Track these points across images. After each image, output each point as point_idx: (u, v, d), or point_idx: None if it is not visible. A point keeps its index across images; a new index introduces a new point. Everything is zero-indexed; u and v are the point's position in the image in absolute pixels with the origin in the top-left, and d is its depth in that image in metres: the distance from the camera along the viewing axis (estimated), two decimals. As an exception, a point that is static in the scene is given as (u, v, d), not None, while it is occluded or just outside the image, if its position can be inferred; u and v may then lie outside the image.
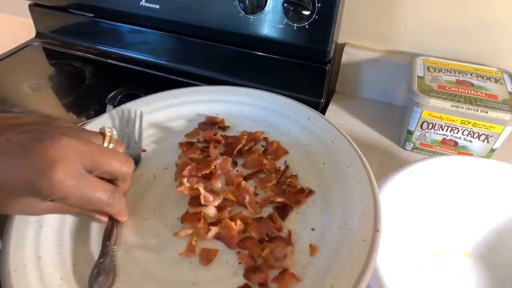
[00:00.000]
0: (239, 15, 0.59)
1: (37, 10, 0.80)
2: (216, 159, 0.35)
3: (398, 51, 0.63)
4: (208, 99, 0.41)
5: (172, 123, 0.40)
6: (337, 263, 0.26)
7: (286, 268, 0.27)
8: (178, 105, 0.40)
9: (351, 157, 0.34)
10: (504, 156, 0.55)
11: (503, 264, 0.40)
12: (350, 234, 0.27)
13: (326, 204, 0.31)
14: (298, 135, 0.37)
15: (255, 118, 0.39)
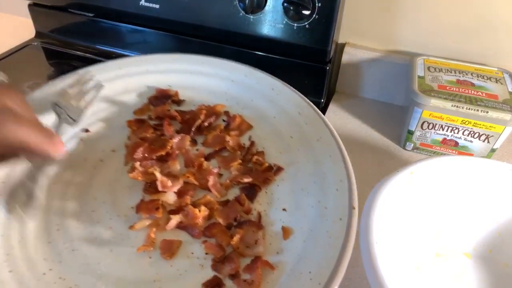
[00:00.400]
0: (239, 15, 0.58)
1: (37, 9, 0.79)
2: (172, 137, 0.30)
3: (399, 50, 0.63)
4: (158, 69, 0.35)
5: (118, 98, 0.34)
6: (314, 246, 0.23)
7: (258, 256, 0.23)
8: (123, 77, 0.34)
9: (319, 130, 0.31)
10: (504, 156, 0.55)
11: (504, 264, 0.40)
12: (325, 213, 0.25)
13: (297, 181, 0.28)
14: (262, 108, 0.33)
15: (213, 89, 0.35)
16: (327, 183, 0.27)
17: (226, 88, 0.35)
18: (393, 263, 0.33)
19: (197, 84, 0.35)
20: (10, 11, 0.94)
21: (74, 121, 0.32)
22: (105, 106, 0.34)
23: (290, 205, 0.27)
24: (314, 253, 0.23)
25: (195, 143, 0.32)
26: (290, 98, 0.32)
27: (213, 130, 0.32)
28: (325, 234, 0.24)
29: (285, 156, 0.30)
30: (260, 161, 0.29)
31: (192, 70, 0.35)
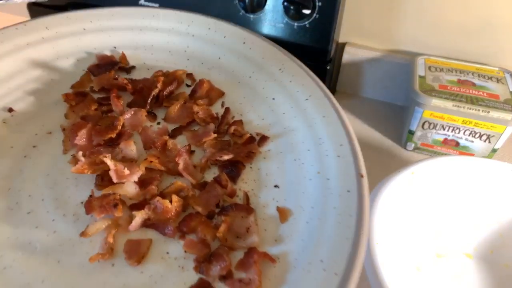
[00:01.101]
0: (239, 14, 0.58)
1: (36, 9, 0.79)
2: (123, 113, 0.24)
3: (400, 50, 0.63)
4: (97, 27, 0.26)
5: (50, 66, 0.26)
6: (320, 228, 0.18)
7: (253, 247, 0.18)
8: (53, 40, 0.26)
9: (307, 87, 0.24)
10: (505, 156, 0.55)
11: (505, 265, 0.40)
12: (328, 185, 0.19)
13: (287, 151, 0.22)
14: (234, 66, 0.26)
15: (170, 49, 0.27)
16: (325, 150, 0.21)
17: (186, 45, 0.27)
18: (394, 264, 0.33)
19: (149, 43, 0.27)
20: (9, 10, 0.94)
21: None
22: (33, 76, 0.25)
23: (283, 181, 0.21)
24: (322, 236, 0.18)
25: (155, 118, 0.25)
26: (267, 52, 0.25)
27: (176, 100, 0.25)
28: (333, 211, 0.19)
29: (268, 122, 0.23)
30: (239, 131, 0.24)
31: (141, 26, 0.26)
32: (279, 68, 0.26)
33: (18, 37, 0.26)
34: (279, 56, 0.26)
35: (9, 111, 0.25)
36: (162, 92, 0.25)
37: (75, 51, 0.27)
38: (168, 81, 0.26)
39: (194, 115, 0.24)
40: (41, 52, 0.26)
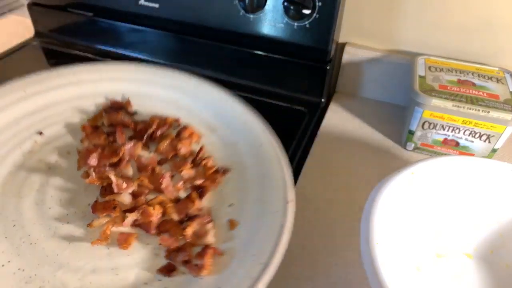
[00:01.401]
0: (239, 14, 0.58)
1: (36, 9, 0.79)
2: (124, 144, 0.32)
3: (400, 50, 0.63)
4: (111, 77, 0.36)
5: (73, 104, 0.35)
6: (256, 234, 0.27)
7: (208, 244, 0.27)
8: (77, 84, 0.35)
9: (262, 137, 0.34)
10: (505, 156, 0.55)
11: (505, 265, 0.40)
12: (265, 207, 0.28)
13: (241, 181, 0.31)
14: (210, 117, 0.35)
15: (165, 99, 0.36)
16: (268, 182, 0.30)
17: (177, 98, 0.36)
18: (393, 264, 0.33)
19: (150, 93, 0.36)
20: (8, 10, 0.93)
21: None
22: (61, 110, 0.35)
23: (235, 201, 0.30)
24: (256, 239, 0.27)
25: (148, 149, 0.34)
26: (236, 110, 0.35)
27: (165, 139, 0.34)
28: (265, 224, 0.28)
29: (231, 159, 0.33)
30: (208, 165, 0.32)
31: (145, 80, 0.36)
32: (243, 122, 0.35)
33: (52, 80, 0.36)
34: (245, 114, 0.36)
35: (40, 134, 0.35)
36: (156, 132, 0.34)
37: (94, 94, 0.37)
38: (161, 124, 0.35)
39: (177, 150, 0.33)
40: (68, 93, 0.36)
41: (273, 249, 0.26)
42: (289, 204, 0.28)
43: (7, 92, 0.34)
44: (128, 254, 0.28)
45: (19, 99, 0.34)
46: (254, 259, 0.25)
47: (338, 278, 0.40)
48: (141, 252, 0.28)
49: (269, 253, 0.25)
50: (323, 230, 0.45)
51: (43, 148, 0.33)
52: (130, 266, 0.27)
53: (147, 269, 0.27)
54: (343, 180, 0.52)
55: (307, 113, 0.62)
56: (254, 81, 0.67)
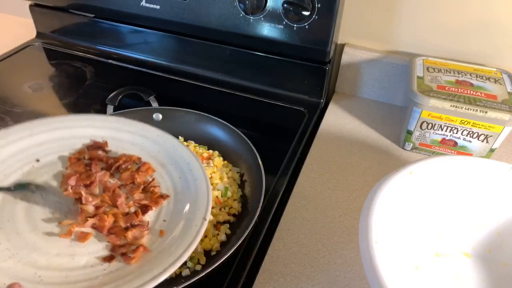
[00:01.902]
0: (239, 16, 0.59)
1: (38, 10, 0.80)
2: (97, 172, 0.44)
3: (398, 51, 0.63)
4: (96, 125, 0.50)
5: (65, 142, 0.48)
6: (177, 239, 0.37)
7: (141, 244, 0.38)
8: (71, 128, 0.49)
9: (198, 174, 0.44)
10: (503, 156, 0.56)
11: (503, 264, 0.40)
12: (189, 223, 0.39)
13: (177, 204, 0.42)
14: (164, 158, 0.47)
15: (132, 142, 0.49)
16: (196, 204, 0.41)
17: (141, 142, 0.49)
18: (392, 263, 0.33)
19: (121, 138, 0.49)
20: (11, 11, 0.94)
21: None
22: (54, 146, 0.47)
23: (168, 218, 0.41)
24: (176, 243, 0.37)
25: (113, 177, 0.45)
26: (184, 153, 0.47)
27: (127, 170, 0.46)
28: (185, 233, 0.38)
29: (173, 188, 0.44)
30: (155, 191, 0.43)
31: (120, 128, 0.49)
32: (187, 162, 0.46)
33: (52, 124, 0.49)
34: (188, 157, 0.46)
35: (37, 161, 0.45)
36: (121, 165, 0.46)
37: (81, 135, 0.49)
38: (127, 160, 0.47)
39: (134, 179, 0.44)
40: (63, 134, 0.49)
41: (185, 249, 0.35)
42: (205, 221, 0.38)
43: (18, 130, 0.46)
44: (83, 246, 0.38)
45: (26, 136, 0.46)
46: (169, 255, 0.35)
47: (337, 277, 0.41)
48: (93, 246, 0.38)
49: (182, 251, 0.35)
50: (322, 229, 0.45)
51: (38, 171, 0.44)
52: (83, 254, 0.37)
53: (95, 257, 0.37)
54: (342, 180, 0.52)
55: (307, 113, 0.63)
56: (254, 81, 0.68)
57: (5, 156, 0.44)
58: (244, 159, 0.51)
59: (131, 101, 0.60)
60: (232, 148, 0.53)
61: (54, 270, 0.35)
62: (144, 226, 0.39)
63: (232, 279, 0.39)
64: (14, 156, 0.44)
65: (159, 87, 0.65)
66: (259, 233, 0.43)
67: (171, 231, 0.38)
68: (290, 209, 0.48)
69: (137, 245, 0.38)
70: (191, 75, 0.71)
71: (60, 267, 0.36)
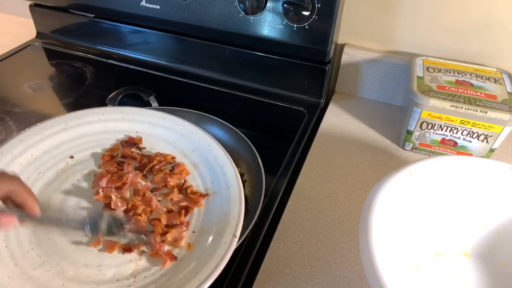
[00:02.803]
0: (239, 16, 0.59)
1: (38, 10, 0.80)
2: (129, 173, 0.43)
3: (398, 51, 0.63)
4: (130, 118, 0.48)
5: (98, 136, 0.47)
6: (205, 257, 0.36)
7: (180, 247, 0.37)
8: (104, 121, 0.47)
9: (232, 180, 0.41)
10: (503, 156, 0.56)
11: (503, 264, 0.40)
12: (218, 239, 0.37)
13: (208, 214, 0.40)
14: (199, 158, 0.45)
15: (167, 139, 0.47)
16: (226, 219, 0.38)
17: (176, 139, 0.47)
18: (392, 263, 0.33)
19: (156, 133, 0.47)
20: (11, 12, 0.94)
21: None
22: (87, 141, 0.46)
23: (198, 230, 0.39)
24: (202, 262, 0.35)
25: (146, 179, 0.44)
26: (218, 155, 0.44)
27: (160, 172, 0.44)
28: (214, 251, 0.36)
29: (208, 187, 0.43)
30: (193, 190, 0.42)
31: (155, 122, 0.48)
32: (221, 166, 0.43)
33: (87, 117, 0.48)
34: (223, 158, 0.44)
35: (71, 158, 0.45)
36: (155, 166, 0.44)
37: (115, 129, 0.48)
38: (161, 160, 0.45)
39: (167, 183, 0.43)
40: (97, 128, 0.48)
41: (212, 271, 0.33)
42: (235, 238, 0.36)
43: (53, 124, 0.45)
44: (111, 257, 0.37)
45: (61, 130, 0.45)
46: (194, 275, 0.34)
47: (337, 277, 0.41)
48: (120, 258, 0.37)
49: (209, 272, 0.33)
50: (322, 229, 0.45)
51: (71, 168, 0.44)
52: (110, 266, 0.36)
53: (121, 269, 0.36)
54: (342, 180, 0.52)
55: (307, 113, 0.63)
56: (254, 81, 0.68)
57: (41, 152, 0.43)
58: (244, 159, 0.51)
59: (131, 101, 0.60)
60: (232, 148, 0.53)
61: (81, 282, 0.34)
62: (183, 226, 0.38)
63: (232, 279, 0.39)
64: (49, 152, 0.43)
65: (159, 87, 0.65)
66: (259, 233, 0.43)
67: (199, 246, 0.37)
68: (290, 209, 0.48)
69: (177, 247, 0.37)
70: (191, 75, 0.71)
71: (87, 279, 0.34)
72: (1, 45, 0.79)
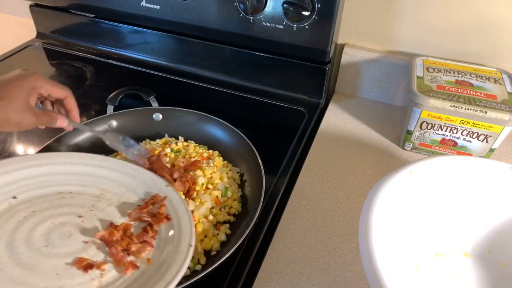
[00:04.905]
0: (239, 16, 0.59)
1: (38, 10, 0.80)
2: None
3: (398, 51, 0.63)
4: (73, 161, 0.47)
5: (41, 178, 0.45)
6: (166, 265, 0.37)
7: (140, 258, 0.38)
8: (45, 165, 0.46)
9: (177, 205, 0.43)
10: (503, 156, 0.56)
11: (502, 263, 0.40)
12: (176, 250, 0.38)
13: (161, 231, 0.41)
14: (144, 191, 0.46)
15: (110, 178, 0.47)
16: (181, 234, 0.40)
17: (119, 177, 0.46)
18: (392, 263, 0.33)
19: (100, 174, 0.47)
20: (11, 12, 0.94)
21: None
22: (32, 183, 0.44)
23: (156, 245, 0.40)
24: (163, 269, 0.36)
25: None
26: (161, 187, 0.45)
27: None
28: (173, 261, 0.37)
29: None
30: (160, 212, 0.42)
31: (98, 165, 0.48)
32: (166, 195, 0.44)
33: (23, 162, 0.46)
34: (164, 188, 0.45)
35: (14, 198, 0.42)
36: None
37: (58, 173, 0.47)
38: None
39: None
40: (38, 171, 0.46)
41: (174, 275, 0.34)
42: (191, 247, 0.37)
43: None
44: (71, 278, 0.35)
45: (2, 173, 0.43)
46: (159, 279, 0.35)
47: (337, 276, 0.41)
48: (81, 277, 0.35)
49: (171, 278, 0.34)
50: (322, 229, 0.45)
51: (15, 207, 0.41)
52: (72, 285, 0.35)
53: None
54: (342, 179, 0.52)
55: (307, 113, 0.63)
56: (254, 81, 0.68)
57: None
58: (244, 159, 0.51)
59: (131, 101, 0.60)
60: (232, 148, 0.53)
61: None
62: (152, 245, 0.39)
63: (232, 279, 0.39)
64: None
65: (159, 87, 0.65)
66: (259, 233, 0.43)
67: (157, 258, 0.38)
68: (290, 209, 0.48)
69: (137, 257, 0.38)
70: (191, 75, 0.71)
71: None
72: (1, 45, 0.79)
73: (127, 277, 0.36)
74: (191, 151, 0.51)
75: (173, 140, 0.55)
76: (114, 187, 0.45)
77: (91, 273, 0.36)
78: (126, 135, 0.49)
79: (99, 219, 0.41)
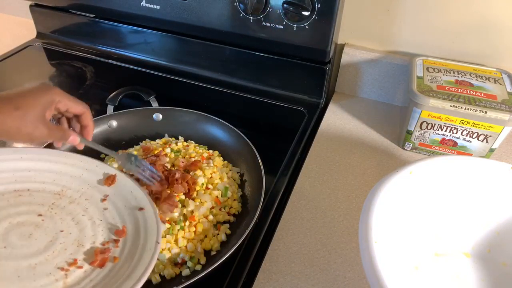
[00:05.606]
0: (239, 16, 0.59)
1: (38, 10, 0.80)
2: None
3: (398, 51, 0.63)
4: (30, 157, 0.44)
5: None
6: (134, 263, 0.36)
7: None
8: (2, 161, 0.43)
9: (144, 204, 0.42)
10: (503, 156, 0.56)
11: (502, 263, 0.40)
12: (143, 248, 0.38)
13: (133, 231, 0.40)
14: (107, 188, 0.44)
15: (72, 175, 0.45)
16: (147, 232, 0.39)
17: (81, 173, 0.45)
18: (392, 263, 0.33)
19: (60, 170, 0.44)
20: (11, 12, 0.94)
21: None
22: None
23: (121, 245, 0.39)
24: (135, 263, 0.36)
25: None
26: (126, 184, 0.44)
27: None
28: (140, 257, 0.37)
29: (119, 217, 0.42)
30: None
31: (57, 160, 0.45)
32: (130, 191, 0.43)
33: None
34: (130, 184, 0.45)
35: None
36: None
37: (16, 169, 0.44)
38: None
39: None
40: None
41: (143, 272, 0.34)
42: (158, 244, 0.37)
43: None
44: (34, 280, 0.34)
45: None
46: (127, 278, 0.34)
47: (337, 276, 0.41)
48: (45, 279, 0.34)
49: (140, 274, 0.34)
50: (322, 229, 0.45)
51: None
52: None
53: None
54: (342, 179, 0.52)
55: (307, 113, 0.63)
56: (254, 81, 0.68)
57: None
58: (244, 159, 0.51)
59: (131, 101, 0.60)
60: (232, 148, 0.53)
61: None
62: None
63: (232, 279, 0.39)
64: None
65: (159, 87, 0.65)
66: (259, 233, 0.43)
67: (125, 257, 0.37)
68: (290, 209, 0.48)
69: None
70: (191, 75, 0.71)
71: None
72: (1, 45, 0.79)
73: (93, 277, 0.35)
74: (191, 151, 0.52)
75: (173, 140, 0.55)
76: (75, 183, 0.43)
77: (55, 274, 0.34)
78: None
79: (61, 218, 0.39)
